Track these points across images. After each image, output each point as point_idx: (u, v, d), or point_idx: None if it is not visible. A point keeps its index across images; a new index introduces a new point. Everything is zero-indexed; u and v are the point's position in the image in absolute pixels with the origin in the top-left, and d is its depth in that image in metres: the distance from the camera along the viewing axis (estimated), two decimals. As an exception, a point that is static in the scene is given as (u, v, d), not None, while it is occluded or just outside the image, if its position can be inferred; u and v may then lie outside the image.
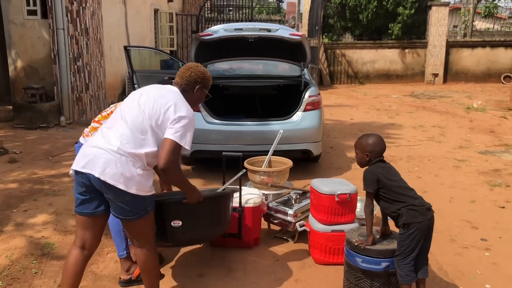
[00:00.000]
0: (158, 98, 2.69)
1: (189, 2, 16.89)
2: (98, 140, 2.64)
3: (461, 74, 16.56)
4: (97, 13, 8.97)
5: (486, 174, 5.82)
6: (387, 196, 2.85)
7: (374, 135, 3.05)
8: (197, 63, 2.99)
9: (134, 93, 2.84)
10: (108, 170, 2.50)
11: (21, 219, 4.32)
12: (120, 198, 2.55)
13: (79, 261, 2.73)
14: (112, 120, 2.75)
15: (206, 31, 5.54)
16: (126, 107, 2.75)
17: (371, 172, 2.89)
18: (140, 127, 2.62)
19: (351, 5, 16.15)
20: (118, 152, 2.54)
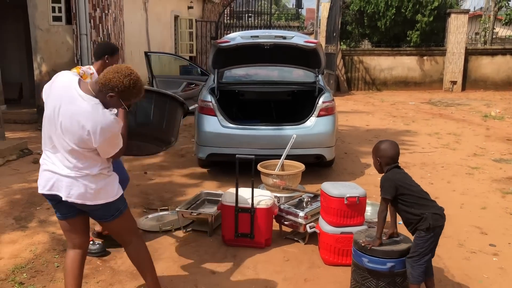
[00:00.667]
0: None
1: (209, 8, 17.16)
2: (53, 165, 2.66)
3: (480, 82, 16.44)
4: (119, 20, 9.25)
5: (499, 181, 5.84)
6: (408, 201, 2.92)
7: (387, 141, 3.13)
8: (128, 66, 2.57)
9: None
10: (73, 192, 2.61)
11: (44, 217, 4.54)
12: (92, 208, 2.71)
13: (75, 260, 2.87)
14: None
15: (224, 38, 5.71)
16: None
17: (389, 179, 2.96)
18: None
19: (370, 12, 16.19)
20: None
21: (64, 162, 2.61)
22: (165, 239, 4.10)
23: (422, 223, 2.87)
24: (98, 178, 2.65)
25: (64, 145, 2.57)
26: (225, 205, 3.91)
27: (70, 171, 2.60)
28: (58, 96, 2.56)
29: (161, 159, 6.88)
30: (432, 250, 2.92)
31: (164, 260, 3.71)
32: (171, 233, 4.22)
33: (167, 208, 4.77)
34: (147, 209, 4.83)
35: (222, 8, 17.57)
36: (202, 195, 4.67)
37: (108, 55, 3.78)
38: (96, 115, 2.49)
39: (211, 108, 5.49)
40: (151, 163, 6.62)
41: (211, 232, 4.15)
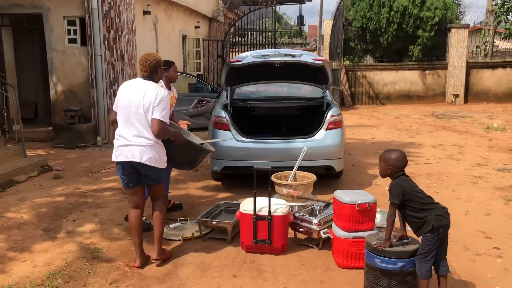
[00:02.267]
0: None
1: (215, 27, 17.58)
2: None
3: (482, 94, 16.73)
4: (132, 40, 9.62)
5: (502, 189, 6.08)
6: (413, 206, 3.21)
7: (398, 150, 3.39)
8: (150, 53, 3.97)
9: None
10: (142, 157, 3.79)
11: (71, 228, 4.81)
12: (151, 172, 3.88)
13: (137, 215, 4.05)
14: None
15: (236, 58, 6.03)
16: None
17: (397, 185, 3.23)
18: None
19: (372, 28, 16.57)
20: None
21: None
22: (187, 247, 4.35)
23: (426, 226, 3.15)
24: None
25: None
26: (243, 214, 4.17)
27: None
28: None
29: (177, 173, 7.14)
30: (442, 248, 3.19)
31: (187, 266, 3.96)
32: (191, 241, 4.47)
33: (186, 218, 5.03)
34: (168, 219, 5.08)
35: (228, 27, 18.00)
36: (220, 205, 4.94)
37: (166, 69, 4.77)
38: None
39: (225, 123, 5.78)
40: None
41: (230, 240, 4.40)
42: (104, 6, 9.02)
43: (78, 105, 9.38)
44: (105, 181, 6.64)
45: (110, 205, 5.57)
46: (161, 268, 3.92)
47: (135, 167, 3.85)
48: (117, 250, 4.29)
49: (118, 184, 6.48)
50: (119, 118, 3.88)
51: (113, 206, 5.54)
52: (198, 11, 15.13)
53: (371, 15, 16.41)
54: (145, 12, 10.89)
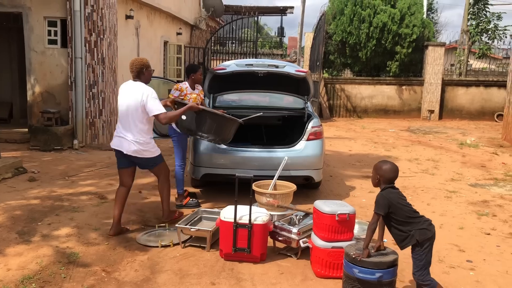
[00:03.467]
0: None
1: (197, 35, 17.61)
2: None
3: (456, 111, 17.17)
4: (113, 44, 9.55)
5: (475, 204, 6.24)
6: (397, 219, 3.31)
7: (391, 163, 3.48)
8: (137, 57, 4.66)
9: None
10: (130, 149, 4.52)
11: (46, 231, 4.72)
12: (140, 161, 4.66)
13: (123, 192, 4.73)
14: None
15: (220, 66, 6.06)
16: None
17: (384, 197, 3.32)
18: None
19: (351, 43, 16.87)
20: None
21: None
22: (165, 254, 4.32)
23: (410, 240, 3.25)
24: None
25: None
26: (224, 221, 4.17)
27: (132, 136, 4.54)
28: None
29: (154, 179, 7.05)
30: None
31: (165, 273, 3.93)
32: (170, 248, 4.44)
33: (164, 225, 5.00)
34: (145, 226, 5.05)
35: (210, 35, 18.05)
36: (199, 213, 4.93)
37: (193, 73, 5.52)
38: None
39: (206, 130, 5.78)
40: (146, 183, 6.84)
41: (208, 247, 4.39)
42: (87, 9, 8.94)
43: (56, 107, 9.24)
44: (82, 185, 6.54)
45: (87, 209, 5.49)
46: (138, 274, 3.89)
47: (124, 154, 4.57)
48: (94, 255, 4.23)
49: (95, 188, 6.40)
50: (118, 114, 4.62)
51: (90, 210, 5.46)
52: (180, 17, 15.14)
53: (351, 29, 16.71)
54: (128, 16, 10.84)
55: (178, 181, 5.76)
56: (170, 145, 9.96)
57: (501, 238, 5.01)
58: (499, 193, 6.87)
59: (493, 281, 3.97)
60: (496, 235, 5.10)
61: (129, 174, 4.73)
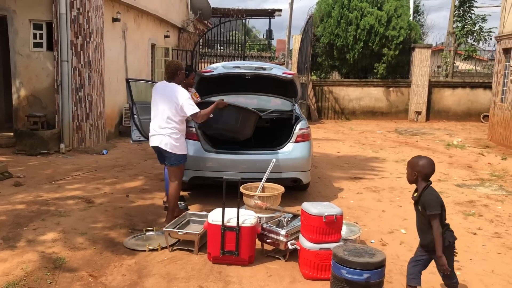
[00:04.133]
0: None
1: (184, 38, 17.57)
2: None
3: (443, 112, 17.33)
4: (100, 47, 9.49)
5: (461, 204, 6.30)
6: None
7: (426, 157, 3.36)
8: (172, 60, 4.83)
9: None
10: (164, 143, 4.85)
11: (32, 236, 4.66)
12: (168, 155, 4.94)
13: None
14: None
15: (207, 68, 6.05)
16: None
17: (434, 195, 3.21)
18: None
19: (339, 45, 16.95)
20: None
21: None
22: (153, 257, 4.29)
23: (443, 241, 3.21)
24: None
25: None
26: (211, 224, 4.15)
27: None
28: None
29: (142, 182, 7.06)
30: (429, 261, 3.40)
31: (153, 277, 3.90)
32: (158, 251, 4.41)
33: (152, 228, 4.96)
34: (133, 229, 5.01)
35: (198, 38, 18.02)
36: (187, 216, 4.90)
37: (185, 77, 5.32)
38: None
39: (194, 133, 5.76)
40: (133, 186, 6.80)
41: (196, 250, 4.37)
42: (73, 12, 8.88)
43: (42, 111, 9.15)
44: (68, 189, 6.48)
45: (74, 213, 5.44)
46: (125, 278, 3.86)
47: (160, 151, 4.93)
48: (81, 260, 4.18)
49: (82, 193, 6.34)
50: (152, 114, 4.94)
51: (77, 215, 5.40)
52: (168, 20, 15.09)
53: (338, 32, 16.80)
54: (115, 19, 10.78)
55: (167, 182, 5.71)
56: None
57: (487, 238, 5.06)
58: (485, 193, 6.94)
59: (479, 281, 4.01)
60: (482, 235, 5.14)
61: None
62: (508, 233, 5.22)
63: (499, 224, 5.52)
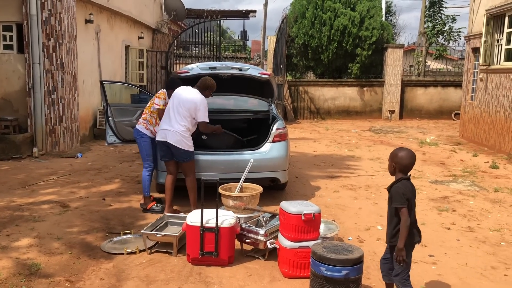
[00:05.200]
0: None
1: (159, 39, 17.43)
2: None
3: (415, 111, 17.66)
4: (73, 49, 9.33)
5: (435, 200, 6.44)
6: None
7: (406, 149, 3.38)
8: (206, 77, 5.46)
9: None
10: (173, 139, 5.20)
11: (5, 243, 4.55)
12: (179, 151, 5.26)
13: (171, 179, 5.40)
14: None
15: (183, 69, 6.02)
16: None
17: (400, 189, 3.22)
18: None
19: (313, 45, 17.09)
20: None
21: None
22: (131, 261, 4.24)
23: (411, 238, 3.21)
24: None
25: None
26: (190, 226, 4.14)
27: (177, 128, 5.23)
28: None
29: (118, 185, 6.98)
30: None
31: (132, 280, 3.87)
32: (136, 254, 4.37)
33: (129, 232, 4.92)
34: (110, 233, 4.95)
35: (172, 39, 17.91)
36: (165, 218, 4.87)
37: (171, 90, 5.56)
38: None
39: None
40: (109, 190, 6.71)
41: (175, 252, 4.35)
42: (44, 13, 8.71)
43: (13, 114, 8.95)
44: (42, 194, 6.35)
45: (48, 218, 5.34)
46: (103, 282, 3.81)
47: (168, 146, 5.24)
48: (57, 265, 4.11)
49: (57, 197, 6.23)
50: (170, 109, 5.25)
51: (52, 219, 5.31)
52: (142, 21, 14.95)
53: (313, 32, 16.94)
54: (87, 20, 10.62)
55: (145, 183, 5.74)
56: (133, 150, 9.84)
57: (461, 232, 5.19)
58: (458, 189, 7.11)
59: (454, 274, 4.11)
60: (455, 230, 5.27)
61: (173, 164, 5.37)
62: (480, 227, 5.37)
63: (472, 219, 5.67)
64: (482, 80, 11.49)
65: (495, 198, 6.59)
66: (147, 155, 5.74)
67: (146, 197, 5.75)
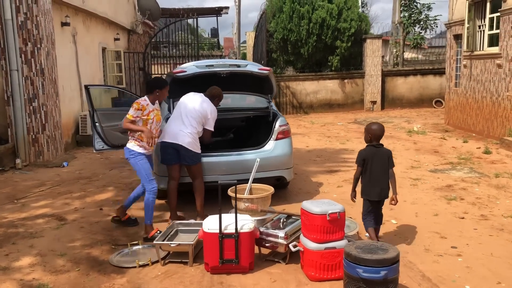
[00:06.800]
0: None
1: (134, 40, 16.99)
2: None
3: (397, 100, 17.72)
4: (52, 54, 8.91)
5: (441, 190, 6.36)
6: (365, 173, 4.27)
7: (377, 123, 4.34)
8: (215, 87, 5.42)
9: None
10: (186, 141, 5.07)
11: (5, 263, 4.23)
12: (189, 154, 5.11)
13: (174, 185, 5.21)
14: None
15: (179, 68, 5.74)
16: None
17: (361, 152, 4.29)
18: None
19: (293, 40, 16.94)
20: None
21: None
22: (145, 274, 3.99)
23: (364, 195, 4.30)
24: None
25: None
26: (207, 233, 3.91)
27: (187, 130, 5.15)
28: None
29: (113, 194, 6.67)
30: (376, 211, 4.34)
31: (150, 295, 3.63)
32: (149, 267, 4.12)
33: (137, 242, 4.65)
34: (116, 245, 4.67)
35: (147, 39, 17.49)
36: (174, 226, 4.62)
37: (158, 89, 4.92)
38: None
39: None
40: (104, 198, 6.40)
41: (191, 262, 4.11)
42: (19, 17, 8.27)
43: (-8, 125, 8.48)
44: (34, 208, 6.00)
45: (47, 233, 5.01)
46: None
47: (176, 148, 5.07)
48: (66, 284, 3.83)
49: (51, 210, 5.89)
50: (182, 113, 5.16)
51: (50, 234, 4.99)
52: (117, 22, 14.50)
53: (291, 26, 16.78)
54: (64, 23, 10.18)
55: (148, 210, 4.81)
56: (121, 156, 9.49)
57: (475, 221, 5.11)
58: (459, 176, 7.07)
59: (481, 265, 4.00)
60: (469, 219, 5.19)
61: (176, 169, 5.19)
62: (493, 215, 5.30)
63: (482, 207, 5.60)
64: (466, 66, 11.56)
65: (498, 184, 6.57)
66: (147, 175, 4.81)
67: (149, 225, 4.84)
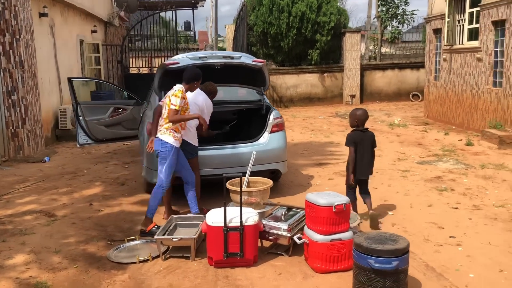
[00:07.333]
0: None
1: (111, 32, 16.61)
2: None
3: (375, 94, 17.91)
4: (31, 45, 8.61)
5: (431, 181, 6.45)
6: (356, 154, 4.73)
7: (361, 109, 4.83)
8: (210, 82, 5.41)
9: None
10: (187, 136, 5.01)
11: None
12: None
13: (172, 181, 4.90)
14: None
15: (172, 60, 5.61)
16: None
17: (350, 136, 4.76)
18: None
19: (273, 33, 16.88)
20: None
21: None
22: (147, 269, 3.90)
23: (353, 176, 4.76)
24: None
25: None
26: (211, 226, 3.84)
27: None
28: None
29: (101, 189, 6.51)
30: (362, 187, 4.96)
31: (155, 291, 3.55)
32: (149, 262, 4.03)
33: (134, 238, 4.54)
34: (112, 241, 4.55)
35: (125, 32, 17.14)
36: (173, 220, 4.53)
37: (196, 81, 4.89)
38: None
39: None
40: (93, 194, 6.24)
41: (193, 256, 4.04)
42: (-3, 6, 7.96)
43: (-31, 119, 8.15)
44: (20, 204, 5.79)
45: (37, 230, 4.84)
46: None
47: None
48: (65, 282, 3.71)
49: (38, 206, 5.70)
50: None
51: (42, 231, 4.82)
52: (94, 14, 14.14)
53: (271, 20, 16.71)
54: (42, 14, 9.85)
55: (155, 204, 4.72)
56: (104, 150, 9.30)
57: (469, 211, 5.20)
58: (446, 167, 7.18)
59: (482, 254, 4.07)
60: (463, 209, 5.28)
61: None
62: (485, 204, 5.41)
63: (473, 197, 5.70)
64: (446, 60, 11.75)
65: (485, 175, 6.70)
66: (171, 173, 4.75)
67: (149, 218, 4.72)
